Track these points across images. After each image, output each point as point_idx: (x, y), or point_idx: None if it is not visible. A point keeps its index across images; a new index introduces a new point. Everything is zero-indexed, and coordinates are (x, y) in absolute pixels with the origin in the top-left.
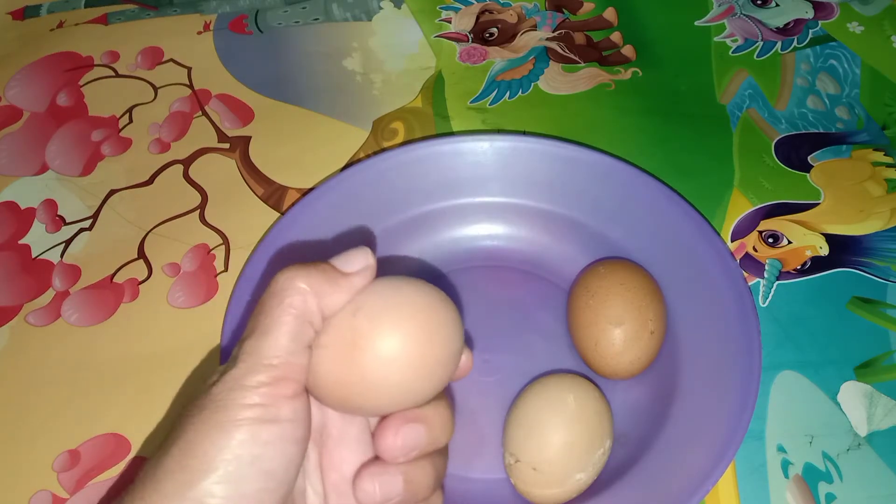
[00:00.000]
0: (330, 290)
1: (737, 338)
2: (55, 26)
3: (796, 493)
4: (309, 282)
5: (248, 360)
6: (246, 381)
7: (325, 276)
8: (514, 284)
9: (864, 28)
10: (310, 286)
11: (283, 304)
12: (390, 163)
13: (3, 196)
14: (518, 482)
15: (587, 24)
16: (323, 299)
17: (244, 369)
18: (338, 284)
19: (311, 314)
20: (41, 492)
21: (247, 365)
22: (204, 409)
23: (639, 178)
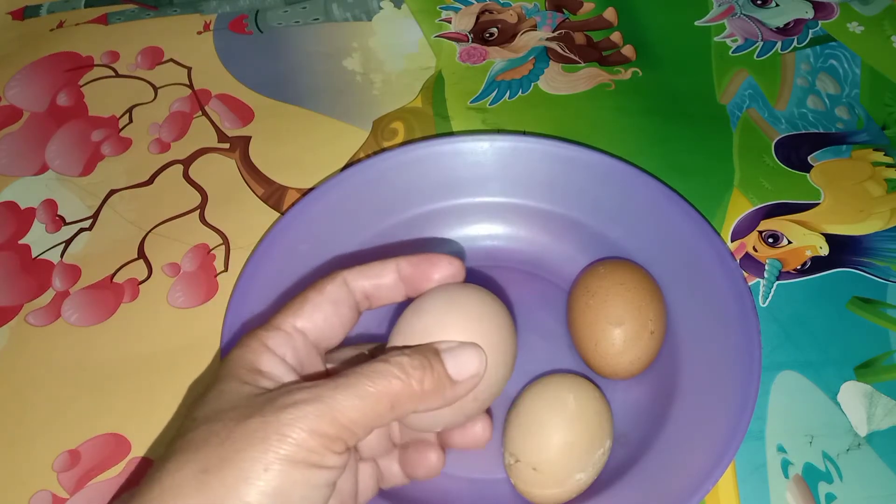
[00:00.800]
0: (431, 397)
1: (737, 338)
2: (55, 26)
3: (796, 493)
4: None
5: (325, 405)
6: (313, 425)
7: (436, 382)
8: (514, 284)
9: (865, 28)
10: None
11: (384, 384)
12: (390, 163)
13: (3, 196)
14: (518, 482)
15: (587, 24)
16: (422, 404)
17: (314, 411)
18: (440, 390)
19: (404, 412)
20: (41, 492)
21: (319, 409)
22: (265, 433)
23: (639, 178)
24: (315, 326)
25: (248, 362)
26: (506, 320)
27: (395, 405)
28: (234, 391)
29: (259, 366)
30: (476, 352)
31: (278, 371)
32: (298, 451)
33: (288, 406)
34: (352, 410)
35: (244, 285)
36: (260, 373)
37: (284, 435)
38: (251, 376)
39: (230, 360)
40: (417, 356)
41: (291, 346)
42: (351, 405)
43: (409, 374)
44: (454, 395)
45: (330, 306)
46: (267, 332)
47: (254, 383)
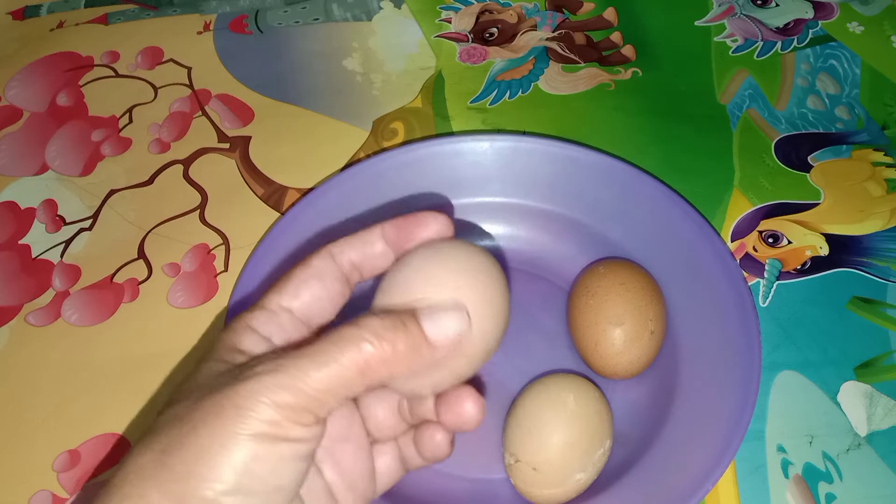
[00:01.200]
0: (407, 360)
1: (737, 338)
2: (55, 26)
3: (796, 493)
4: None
5: (286, 374)
6: (273, 396)
7: (411, 345)
8: (514, 284)
9: (865, 28)
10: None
11: (353, 349)
12: (390, 163)
13: (3, 196)
14: (518, 482)
15: (587, 24)
16: (397, 368)
17: (274, 381)
18: (417, 353)
19: (377, 379)
20: (41, 491)
21: (279, 379)
22: (221, 408)
23: (639, 178)
24: (302, 303)
25: (230, 343)
26: (495, 273)
27: (366, 371)
28: (207, 371)
29: (239, 345)
30: (457, 313)
31: (259, 349)
32: (258, 424)
33: (247, 378)
34: (318, 380)
35: (244, 285)
36: (240, 352)
37: (241, 407)
38: (230, 355)
39: (214, 344)
40: (390, 318)
41: (277, 324)
42: (317, 375)
43: (381, 336)
44: (433, 358)
45: (316, 281)
46: (251, 313)
47: (230, 360)
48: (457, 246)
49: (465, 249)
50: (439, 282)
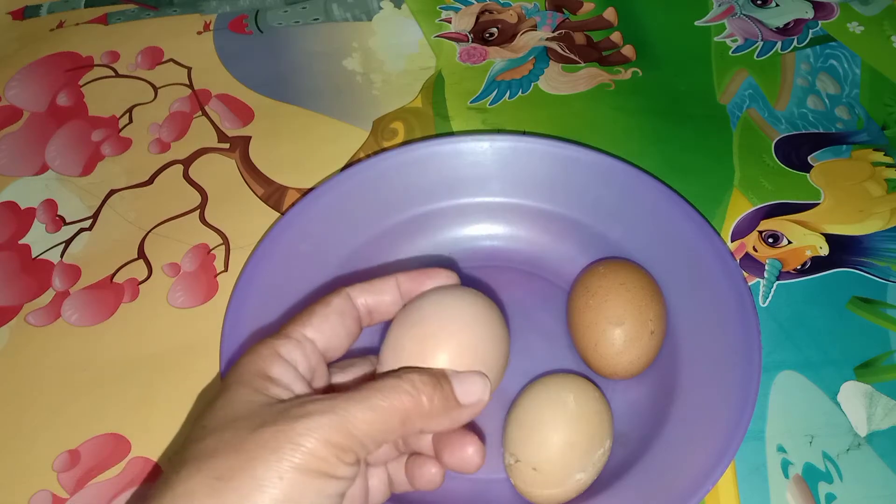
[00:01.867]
0: (439, 416)
1: (737, 338)
2: (55, 26)
3: (796, 493)
4: (430, 401)
5: (338, 416)
6: (326, 435)
7: (444, 403)
8: (514, 284)
9: (864, 28)
10: (428, 404)
11: (396, 398)
12: (390, 163)
13: (3, 196)
14: (518, 482)
15: (587, 24)
16: (430, 422)
17: (328, 422)
18: (448, 411)
19: (412, 429)
20: (41, 491)
21: (332, 420)
22: (277, 443)
23: (639, 178)
24: (323, 336)
25: (258, 369)
26: (496, 320)
27: (406, 421)
28: (245, 399)
29: (269, 372)
30: (481, 378)
31: (288, 378)
32: (311, 460)
33: (302, 416)
34: (364, 423)
35: (244, 285)
36: (270, 379)
37: (298, 444)
38: (261, 383)
39: (240, 367)
40: (427, 374)
41: (302, 353)
42: (363, 417)
43: (420, 390)
44: (459, 418)
45: (337, 317)
46: (278, 340)
47: (264, 391)
48: (461, 299)
49: (469, 303)
50: (449, 340)
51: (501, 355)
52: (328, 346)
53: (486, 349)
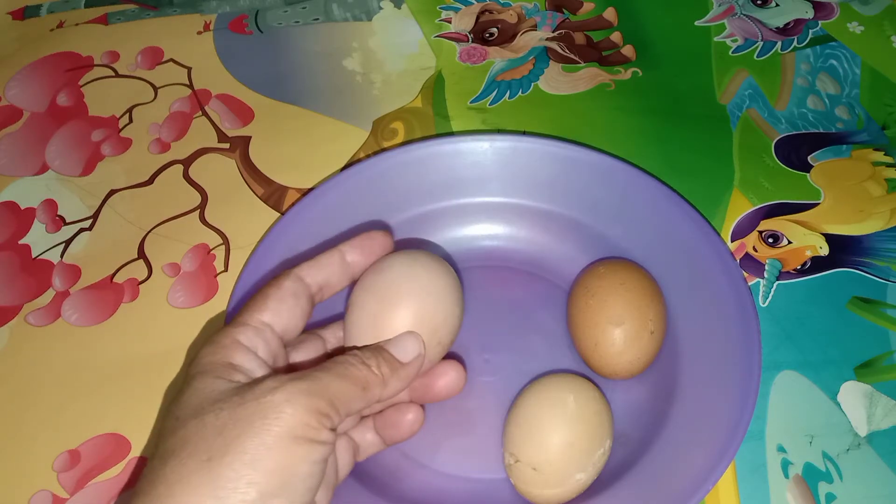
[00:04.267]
0: (390, 380)
1: (737, 338)
2: (55, 26)
3: (796, 492)
4: (378, 368)
5: (313, 382)
6: (310, 403)
7: (389, 367)
8: (514, 284)
9: (865, 28)
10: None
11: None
12: (390, 163)
13: (3, 196)
14: (518, 482)
15: (587, 24)
16: (386, 387)
17: (307, 388)
18: (396, 372)
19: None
20: (41, 492)
21: (310, 385)
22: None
23: (639, 177)
24: (280, 320)
25: (220, 359)
26: (440, 277)
27: (366, 387)
28: (212, 387)
29: (232, 360)
30: (412, 336)
31: (250, 365)
32: (297, 426)
33: (280, 386)
34: (335, 388)
35: (244, 285)
36: (233, 367)
37: (282, 411)
38: (225, 371)
39: (202, 358)
40: (365, 349)
41: (262, 339)
42: (334, 383)
43: (366, 362)
44: (408, 375)
45: (291, 299)
46: (236, 328)
47: (228, 377)
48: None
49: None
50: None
51: (456, 308)
52: (286, 328)
53: (441, 308)
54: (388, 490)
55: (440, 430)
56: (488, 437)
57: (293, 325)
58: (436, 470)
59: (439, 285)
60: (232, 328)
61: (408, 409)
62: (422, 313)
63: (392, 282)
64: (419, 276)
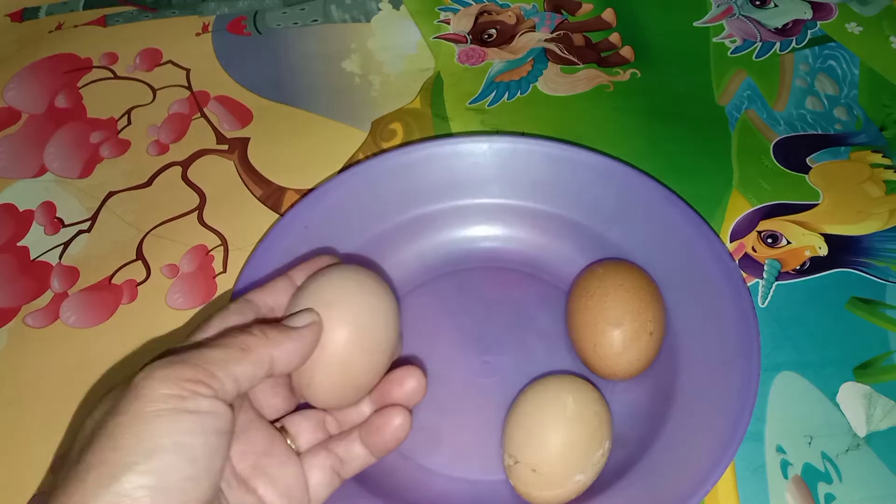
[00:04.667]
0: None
1: (736, 338)
2: (54, 28)
3: (796, 493)
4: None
5: (178, 356)
6: (167, 373)
7: (279, 329)
8: (513, 285)
9: (863, 29)
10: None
11: (229, 338)
12: (389, 164)
13: (2, 198)
14: (517, 483)
15: (586, 25)
16: (275, 348)
17: (163, 364)
18: (287, 336)
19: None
20: (41, 493)
21: (169, 361)
22: (120, 399)
23: (637, 179)
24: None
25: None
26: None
27: (247, 349)
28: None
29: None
30: (307, 311)
31: None
32: (161, 398)
33: (138, 372)
34: (201, 356)
35: (243, 286)
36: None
37: (141, 388)
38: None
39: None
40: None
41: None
42: (207, 351)
43: (252, 329)
44: (302, 337)
45: (234, 316)
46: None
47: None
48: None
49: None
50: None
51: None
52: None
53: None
54: (388, 491)
55: (440, 431)
56: (488, 439)
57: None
58: (435, 471)
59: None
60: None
61: (395, 413)
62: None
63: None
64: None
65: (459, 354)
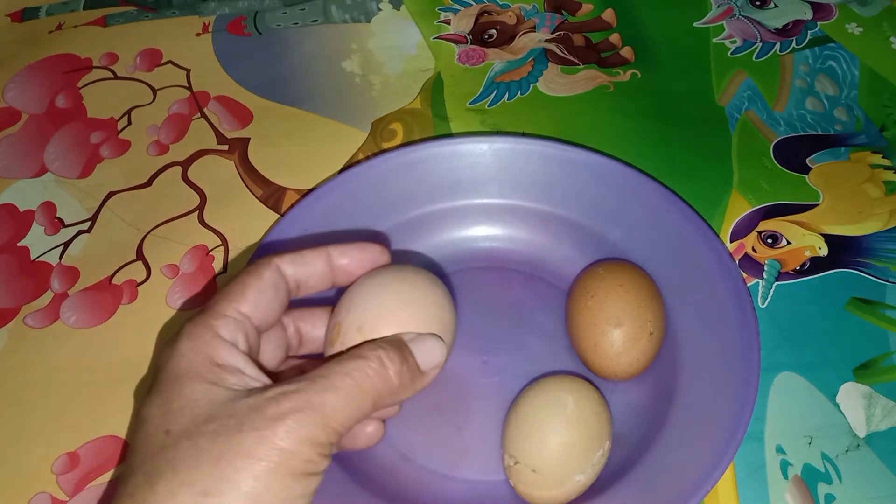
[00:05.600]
0: (406, 389)
1: (736, 339)
2: (54, 28)
3: (796, 493)
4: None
5: (317, 412)
6: (310, 435)
7: (410, 374)
8: (513, 286)
9: (863, 29)
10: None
11: (367, 380)
12: (389, 164)
13: (2, 198)
14: (517, 484)
15: (586, 26)
16: (398, 397)
17: (309, 421)
18: (413, 382)
19: (381, 403)
20: (40, 494)
21: (312, 418)
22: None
23: (637, 179)
24: (258, 312)
25: (205, 357)
26: (444, 296)
27: (377, 401)
28: (204, 395)
29: (217, 359)
30: (438, 342)
31: (236, 362)
32: (298, 464)
33: (283, 417)
34: (340, 413)
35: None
36: (221, 367)
37: (283, 450)
38: (214, 373)
39: (181, 355)
40: (392, 350)
41: (242, 332)
42: (338, 407)
43: (388, 367)
44: (422, 385)
45: (271, 291)
46: (216, 321)
47: (219, 382)
48: (409, 278)
49: (417, 281)
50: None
51: (451, 328)
52: (263, 320)
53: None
54: (387, 491)
55: (440, 432)
56: (487, 439)
57: (269, 319)
58: (435, 471)
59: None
60: (210, 319)
61: (367, 422)
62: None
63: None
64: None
65: (459, 354)
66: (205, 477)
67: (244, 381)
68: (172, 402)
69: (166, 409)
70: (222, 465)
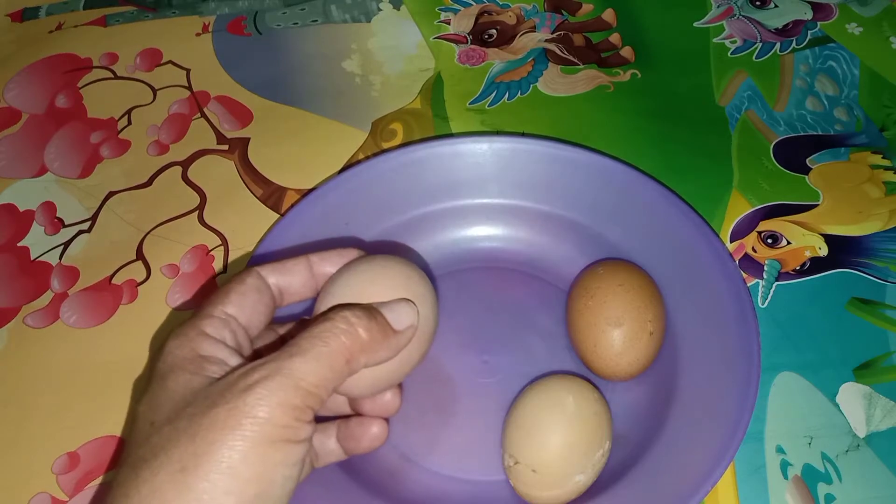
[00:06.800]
0: (379, 346)
1: (736, 339)
2: (54, 28)
3: (796, 493)
4: (368, 331)
5: (286, 377)
6: (283, 399)
7: (381, 330)
8: (513, 286)
9: (863, 29)
10: (367, 334)
11: (335, 339)
12: (389, 164)
13: (2, 198)
14: (517, 484)
15: (586, 26)
16: (372, 355)
17: (278, 385)
18: (386, 342)
19: (357, 366)
20: (40, 494)
21: (282, 382)
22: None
23: (637, 179)
24: (244, 313)
25: (189, 350)
26: (415, 272)
27: (350, 359)
28: (184, 384)
29: (201, 352)
30: (409, 304)
31: (221, 354)
32: (273, 429)
33: (251, 386)
34: (312, 375)
35: None
36: (204, 359)
37: (256, 417)
38: (196, 364)
39: (169, 353)
40: (358, 308)
41: (228, 329)
42: (310, 369)
43: (355, 324)
44: (398, 344)
45: (255, 293)
46: (202, 320)
47: (201, 372)
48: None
49: (399, 267)
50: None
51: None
52: (249, 322)
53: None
54: (387, 492)
55: (440, 432)
56: (487, 439)
57: (256, 321)
58: (435, 472)
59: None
60: (197, 320)
61: (371, 422)
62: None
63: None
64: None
65: (459, 354)
66: (182, 454)
67: (226, 371)
68: (158, 397)
69: (153, 403)
70: (197, 441)
